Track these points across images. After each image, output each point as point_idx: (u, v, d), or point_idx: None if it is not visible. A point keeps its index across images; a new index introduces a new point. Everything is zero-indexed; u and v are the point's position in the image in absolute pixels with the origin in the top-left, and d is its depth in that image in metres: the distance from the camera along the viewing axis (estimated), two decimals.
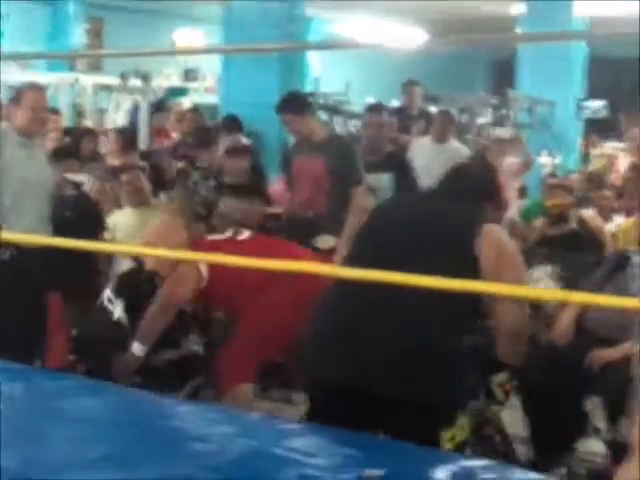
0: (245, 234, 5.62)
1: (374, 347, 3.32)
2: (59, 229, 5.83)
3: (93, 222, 6.77)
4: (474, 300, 3.35)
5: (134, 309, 5.36)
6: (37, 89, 6.25)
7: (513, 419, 5.52)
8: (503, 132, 9.88)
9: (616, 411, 4.85)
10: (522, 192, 9.17)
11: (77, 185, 6.91)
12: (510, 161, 8.92)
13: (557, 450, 5.12)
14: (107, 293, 5.50)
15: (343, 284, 3.39)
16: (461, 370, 3.39)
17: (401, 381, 3.25)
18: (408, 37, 17.59)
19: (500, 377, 3.67)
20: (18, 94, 6.06)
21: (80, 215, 6.66)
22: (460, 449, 3.28)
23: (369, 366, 3.29)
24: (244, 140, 7.83)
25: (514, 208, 8.15)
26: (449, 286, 2.65)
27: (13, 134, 5.93)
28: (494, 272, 3.41)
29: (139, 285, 5.43)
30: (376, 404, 3.25)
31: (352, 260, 3.62)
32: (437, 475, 2.50)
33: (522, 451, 5.19)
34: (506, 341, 3.59)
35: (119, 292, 5.45)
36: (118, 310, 5.39)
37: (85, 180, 7.86)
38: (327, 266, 3.60)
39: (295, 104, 6.94)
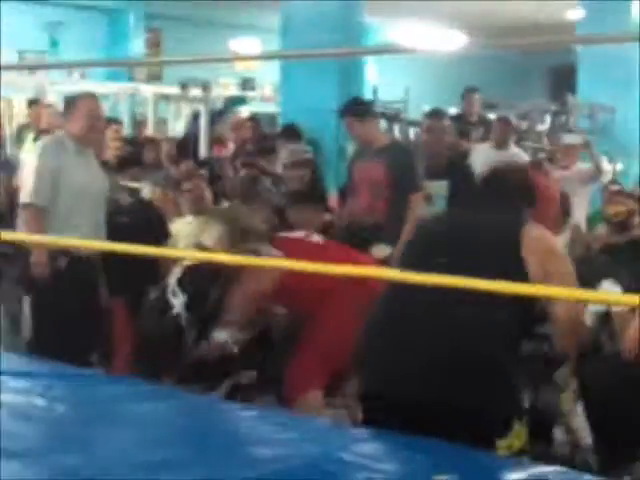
0: (316, 237, 5.65)
1: (426, 356, 3.30)
2: (120, 235, 5.88)
3: (157, 229, 6.81)
4: (528, 304, 3.33)
5: (196, 304, 5.39)
6: (91, 97, 6.29)
7: (577, 427, 5.48)
8: (572, 138, 9.74)
9: None
10: None
11: (134, 191, 6.95)
12: (579, 168, 8.82)
13: (621, 458, 5.07)
14: (171, 284, 5.51)
15: (394, 293, 3.38)
16: (515, 377, 3.35)
17: (454, 389, 3.24)
18: (463, 44, 17.50)
19: (562, 371, 3.65)
20: (73, 102, 6.10)
21: (143, 222, 6.72)
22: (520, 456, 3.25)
23: (422, 375, 3.29)
24: (306, 151, 7.85)
25: (583, 215, 8.08)
26: (501, 289, 2.63)
27: (69, 142, 5.98)
28: (541, 273, 3.39)
29: (205, 279, 5.44)
30: (429, 413, 3.24)
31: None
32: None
33: (586, 459, 5.16)
34: (564, 331, 3.54)
35: (184, 285, 5.47)
36: (178, 305, 5.42)
37: (146, 188, 7.93)
38: (392, 271, 3.55)
39: (358, 108, 6.97)
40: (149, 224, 6.77)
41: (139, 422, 3.00)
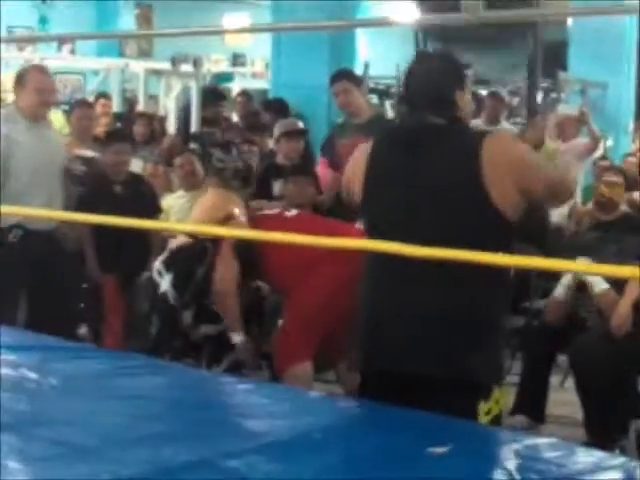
0: (293, 211, 5.65)
1: (410, 323, 3.27)
2: (113, 210, 5.87)
3: (148, 204, 6.80)
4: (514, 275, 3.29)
5: (182, 283, 5.41)
6: (40, 70, 6.22)
7: (568, 401, 5.52)
8: (568, 108, 9.70)
9: None
10: None
11: (88, 160, 6.90)
12: (576, 142, 8.80)
13: (611, 432, 5.09)
14: (157, 265, 5.54)
15: (377, 260, 3.30)
16: (496, 342, 3.33)
17: (439, 356, 3.23)
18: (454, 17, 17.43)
19: None
20: (21, 76, 6.01)
21: (136, 197, 6.71)
22: (496, 423, 3.26)
23: (406, 343, 3.27)
24: (300, 123, 7.81)
25: (577, 192, 8.07)
26: (487, 260, 2.61)
27: (19, 116, 5.91)
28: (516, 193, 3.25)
29: (190, 259, 5.45)
30: (417, 380, 3.23)
31: (371, 229, 3.49)
32: (501, 453, 2.49)
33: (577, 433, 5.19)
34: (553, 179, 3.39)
35: (169, 265, 5.48)
36: (164, 284, 5.43)
37: (137, 163, 7.91)
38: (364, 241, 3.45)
39: (349, 75, 6.99)
40: (141, 198, 6.76)
41: (132, 396, 2.99)
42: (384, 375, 3.30)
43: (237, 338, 5.31)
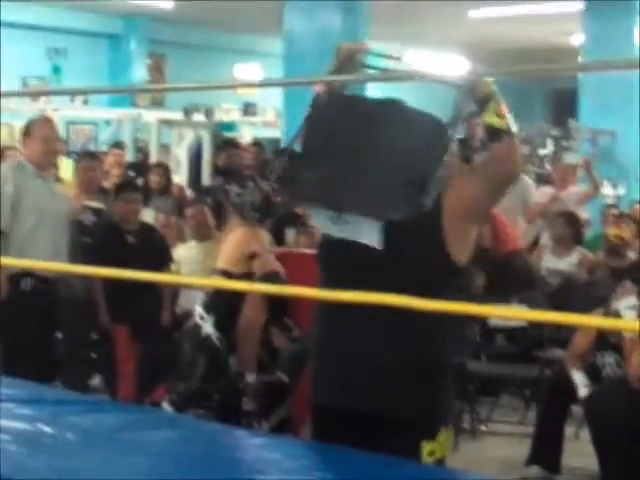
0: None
1: (355, 363, 3.28)
2: (124, 258, 5.90)
3: (160, 253, 6.84)
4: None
5: (225, 323, 5.48)
6: (47, 120, 6.38)
7: (583, 452, 5.48)
8: (573, 158, 9.80)
9: None
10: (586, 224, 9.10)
11: (97, 211, 6.98)
12: (575, 189, 8.87)
13: None
14: (198, 310, 5.56)
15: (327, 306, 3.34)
16: (442, 384, 3.33)
17: (383, 396, 3.25)
18: (465, 69, 17.57)
19: None
20: (28, 126, 6.16)
21: (148, 246, 6.74)
22: (440, 464, 3.26)
23: (351, 382, 3.28)
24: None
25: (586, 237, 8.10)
26: (441, 309, 2.58)
27: (29, 166, 6.01)
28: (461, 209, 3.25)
29: (229, 299, 5.47)
30: (361, 421, 3.26)
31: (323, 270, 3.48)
32: None
33: None
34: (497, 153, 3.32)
35: (209, 308, 5.50)
36: (207, 326, 5.49)
37: (150, 213, 7.95)
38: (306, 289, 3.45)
39: None
40: (154, 248, 6.80)
41: (148, 451, 2.98)
42: (332, 410, 3.33)
43: (250, 378, 5.29)
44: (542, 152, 12.00)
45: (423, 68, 16.62)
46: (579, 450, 5.75)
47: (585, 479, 5.49)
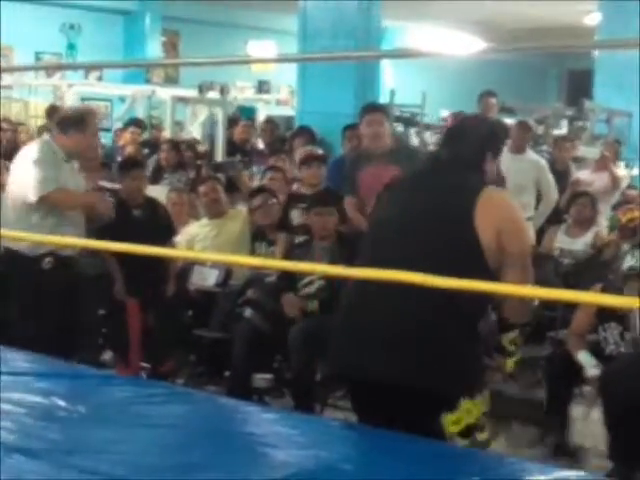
0: None
1: (376, 335, 3.37)
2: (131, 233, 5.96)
3: (165, 226, 6.90)
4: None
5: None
6: (95, 113, 6.39)
7: (593, 432, 5.49)
8: (591, 152, 9.79)
9: None
10: None
11: (113, 192, 7.04)
12: (596, 184, 8.87)
13: (635, 464, 5.06)
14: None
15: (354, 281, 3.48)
16: (462, 354, 3.37)
17: (400, 367, 3.30)
18: (480, 48, 17.51)
19: (510, 335, 3.66)
20: (79, 117, 6.04)
21: (153, 219, 6.81)
22: (468, 433, 3.31)
23: (372, 355, 3.35)
24: (319, 150, 7.85)
25: (604, 224, 8.09)
26: (453, 285, 2.60)
27: (58, 149, 5.93)
28: (496, 243, 3.37)
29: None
30: (382, 392, 3.32)
31: (362, 256, 3.66)
32: None
33: (601, 464, 5.16)
34: (513, 302, 3.51)
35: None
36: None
37: (161, 190, 7.98)
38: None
39: (382, 108, 7.01)
40: (158, 221, 6.86)
41: (158, 424, 3.01)
42: (352, 381, 3.45)
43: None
44: (556, 132, 11.93)
45: (435, 46, 16.61)
46: (589, 431, 5.75)
47: (594, 458, 5.49)
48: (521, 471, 2.59)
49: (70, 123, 5.96)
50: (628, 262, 6.13)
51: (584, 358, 5.45)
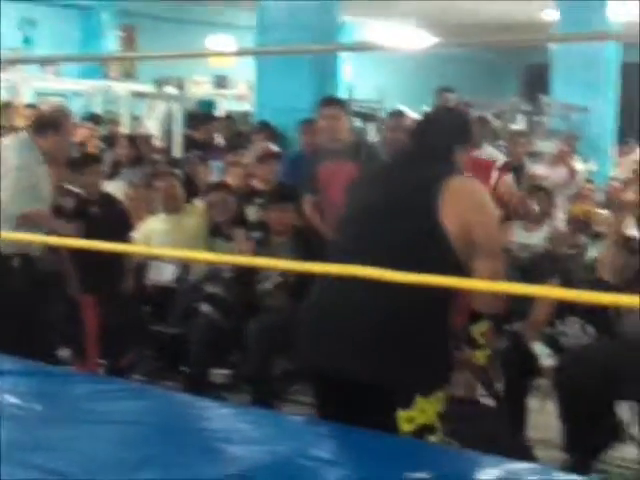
0: None
1: (339, 330, 3.36)
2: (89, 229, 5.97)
3: (122, 222, 6.87)
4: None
5: None
6: (68, 114, 6.39)
7: (546, 423, 5.52)
8: (548, 147, 9.88)
9: None
10: None
11: (77, 195, 7.03)
12: (553, 178, 8.94)
13: (591, 456, 5.09)
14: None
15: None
16: (426, 349, 3.36)
17: (360, 361, 3.31)
18: (437, 42, 17.56)
19: (480, 326, 3.62)
20: (56, 120, 6.12)
21: (110, 216, 6.78)
22: (422, 433, 3.30)
23: (335, 350, 3.35)
24: (273, 147, 7.84)
25: (560, 218, 8.15)
26: (411, 280, 2.60)
27: (34, 147, 5.94)
28: (463, 234, 3.37)
29: None
30: (343, 386, 3.34)
31: (332, 248, 3.68)
32: (483, 478, 2.50)
33: (556, 456, 5.19)
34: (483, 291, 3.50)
35: None
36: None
37: (117, 185, 7.94)
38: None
39: (339, 101, 7.00)
40: (115, 217, 6.84)
41: (114, 421, 2.99)
42: (316, 376, 3.47)
43: None
44: (513, 127, 11.99)
45: (393, 41, 16.64)
46: (545, 423, 5.78)
47: (550, 450, 5.52)
48: (473, 464, 2.61)
49: (47, 125, 6.00)
50: (592, 253, 6.17)
51: (539, 349, 5.48)
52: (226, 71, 16.68)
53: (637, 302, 2.27)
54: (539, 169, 9.11)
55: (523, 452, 4.81)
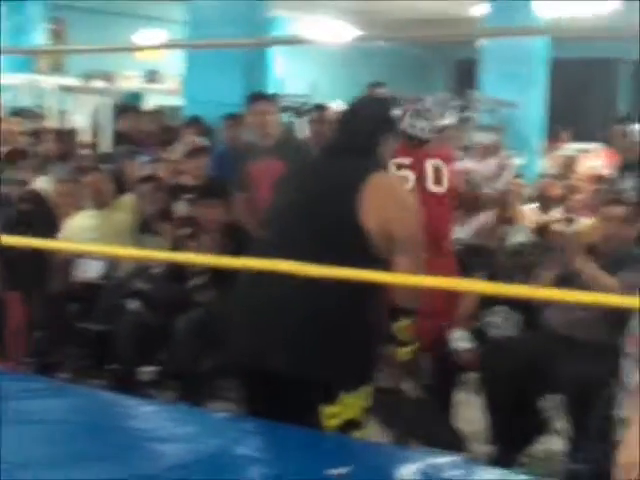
0: None
1: (266, 325, 3.39)
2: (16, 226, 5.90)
3: (48, 219, 6.80)
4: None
5: None
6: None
7: (472, 417, 5.58)
8: (484, 137, 9.96)
9: (577, 409, 4.86)
10: None
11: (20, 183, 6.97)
12: (482, 172, 8.99)
13: (515, 449, 5.15)
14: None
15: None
16: (349, 344, 3.39)
17: (287, 356, 3.33)
18: (365, 36, 17.66)
19: (403, 322, 3.64)
20: None
21: (37, 212, 6.71)
22: (347, 428, 3.33)
23: (263, 344, 3.38)
24: (201, 141, 7.80)
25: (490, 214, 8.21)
26: (326, 274, 2.61)
27: None
28: (383, 229, 3.41)
29: None
30: (271, 381, 3.35)
31: (258, 244, 3.71)
32: (402, 472, 2.52)
33: (481, 449, 5.24)
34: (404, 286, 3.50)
35: None
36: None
37: (42, 180, 7.85)
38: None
39: (269, 97, 7.00)
40: (42, 214, 6.77)
41: (38, 420, 2.97)
42: (245, 371, 3.47)
43: None
44: (442, 123, 12.05)
45: (323, 36, 16.65)
46: (470, 416, 5.83)
47: (475, 445, 5.57)
48: (395, 458, 2.63)
49: None
50: (516, 239, 6.23)
51: (458, 335, 5.46)
52: (157, 65, 16.57)
53: (561, 295, 2.30)
54: (468, 163, 9.14)
55: (452, 442, 4.87)
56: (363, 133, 3.63)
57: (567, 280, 4.84)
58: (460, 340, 5.43)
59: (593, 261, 4.88)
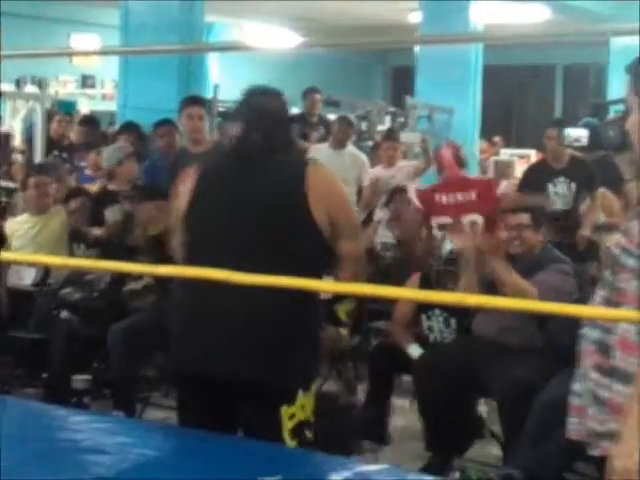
0: None
1: (218, 327, 3.35)
2: None
3: None
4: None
5: None
6: None
7: (412, 423, 5.58)
8: (410, 137, 10.03)
9: (512, 414, 4.86)
10: None
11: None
12: (401, 164, 8.98)
13: (451, 453, 5.15)
14: None
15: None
16: (306, 351, 3.41)
17: (244, 360, 3.30)
18: (302, 42, 17.67)
19: (345, 305, 3.69)
20: None
21: None
22: (300, 428, 3.32)
23: (214, 346, 3.34)
24: (127, 146, 7.69)
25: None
26: (258, 282, 2.60)
27: None
28: (328, 217, 3.43)
29: None
30: (224, 383, 3.31)
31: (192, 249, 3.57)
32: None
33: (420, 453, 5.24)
34: (347, 267, 3.54)
35: None
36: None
37: None
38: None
39: (203, 101, 6.95)
40: None
41: None
42: (195, 378, 3.37)
43: None
44: (380, 128, 12.09)
45: (259, 42, 16.64)
46: (408, 421, 5.84)
47: (413, 449, 5.57)
48: (324, 467, 2.61)
49: None
50: (449, 246, 6.26)
51: (414, 350, 5.48)
52: (91, 70, 16.47)
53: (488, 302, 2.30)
54: (377, 171, 9.03)
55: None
56: (279, 127, 3.62)
57: (492, 286, 4.85)
58: (413, 350, 5.46)
59: (510, 266, 4.89)
